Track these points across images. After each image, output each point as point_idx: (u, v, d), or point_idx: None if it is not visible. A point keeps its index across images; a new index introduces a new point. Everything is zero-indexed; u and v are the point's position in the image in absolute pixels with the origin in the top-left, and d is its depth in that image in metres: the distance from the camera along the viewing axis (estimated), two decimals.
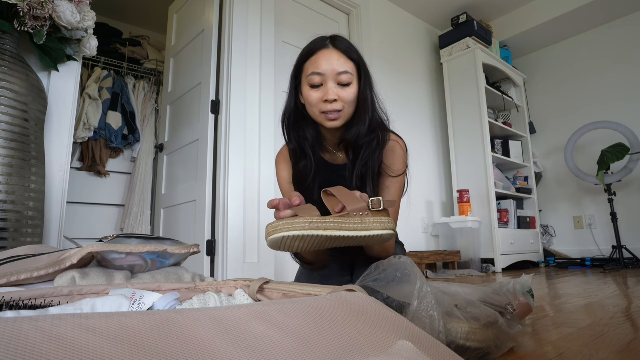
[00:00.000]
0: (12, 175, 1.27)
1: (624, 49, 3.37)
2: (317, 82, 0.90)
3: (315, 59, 0.91)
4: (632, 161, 2.97)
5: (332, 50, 0.91)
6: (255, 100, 2.26)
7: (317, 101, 0.90)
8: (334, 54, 0.90)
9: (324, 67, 0.89)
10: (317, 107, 0.91)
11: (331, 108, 0.89)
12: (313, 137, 0.97)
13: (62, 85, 1.58)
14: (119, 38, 3.27)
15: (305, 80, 0.92)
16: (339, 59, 0.90)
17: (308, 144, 0.96)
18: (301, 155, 0.98)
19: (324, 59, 0.90)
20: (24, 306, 0.52)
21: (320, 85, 0.90)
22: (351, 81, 0.90)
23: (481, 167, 3.11)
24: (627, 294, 1.46)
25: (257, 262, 2.10)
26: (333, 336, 0.40)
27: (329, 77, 0.89)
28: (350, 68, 0.91)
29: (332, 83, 0.89)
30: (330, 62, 0.89)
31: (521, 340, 0.78)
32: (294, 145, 0.98)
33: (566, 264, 3.19)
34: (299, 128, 0.97)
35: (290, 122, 0.98)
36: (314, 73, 0.89)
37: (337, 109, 0.89)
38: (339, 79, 0.89)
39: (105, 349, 0.30)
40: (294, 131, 0.98)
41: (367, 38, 2.99)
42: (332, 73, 0.89)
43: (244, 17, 2.31)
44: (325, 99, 0.89)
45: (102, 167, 2.81)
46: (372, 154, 0.94)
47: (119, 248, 0.71)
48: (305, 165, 0.97)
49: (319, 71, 0.89)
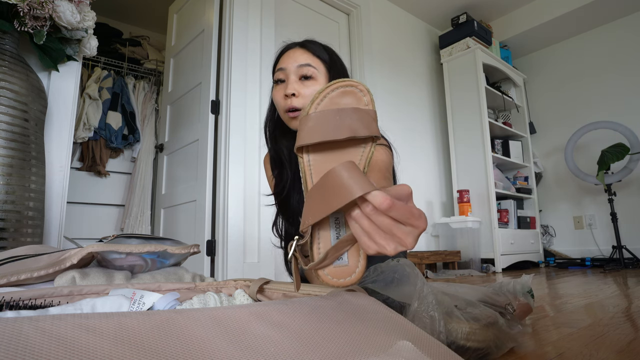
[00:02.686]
0: (12, 175, 1.27)
1: (624, 49, 3.37)
2: (280, 77, 0.88)
3: (281, 58, 0.90)
4: (632, 161, 2.97)
5: (297, 48, 0.90)
6: (255, 100, 2.26)
7: (280, 98, 0.87)
8: (298, 50, 0.89)
9: (286, 61, 0.88)
10: (281, 105, 0.88)
11: (290, 104, 0.84)
12: (288, 149, 0.94)
13: (62, 85, 1.58)
14: (119, 38, 3.27)
15: (273, 81, 0.91)
16: (302, 54, 0.88)
17: (284, 156, 0.94)
18: (279, 164, 0.96)
19: (288, 56, 0.89)
20: (24, 306, 0.52)
21: (283, 82, 0.88)
22: (314, 75, 0.86)
23: (481, 167, 3.11)
24: (627, 294, 1.46)
25: (257, 262, 2.10)
26: (333, 336, 0.40)
27: (290, 71, 0.86)
28: (313, 62, 0.87)
29: (294, 76, 0.86)
30: (293, 57, 0.87)
31: (521, 340, 0.78)
32: (273, 153, 0.97)
33: (566, 264, 3.19)
34: (275, 138, 0.96)
35: (269, 129, 0.98)
36: (278, 69, 0.88)
37: (296, 106, 0.84)
38: (301, 72, 0.86)
39: (105, 349, 0.30)
40: (272, 141, 0.97)
41: (367, 38, 2.99)
42: (292, 65, 0.86)
43: (244, 17, 2.31)
44: (284, 93, 0.86)
45: (102, 167, 2.81)
46: None
47: (119, 248, 0.71)
48: (285, 174, 0.95)
49: (282, 66, 0.88)
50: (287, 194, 0.94)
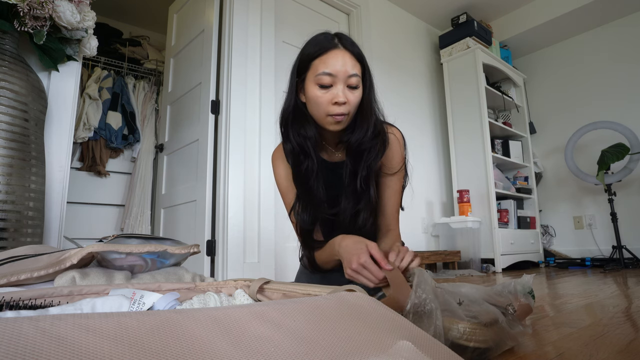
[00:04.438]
0: (12, 175, 1.27)
1: (623, 49, 3.37)
2: (327, 82, 0.87)
3: (325, 58, 0.87)
4: (632, 161, 2.97)
5: (343, 51, 0.88)
6: (255, 100, 2.26)
7: (326, 102, 0.88)
8: (346, 55, 0.88)
9: (336, 67, 0.86)
10: (323, 108, 0.89)
11: (339, 111, 0.87)
12: (314, 135, 0.95)
13: (62, 85, 1.58)
14: (119, 38, 3.27)
15: (312, 79, 0.89)
16: (350, 60, 0.88)
17: (310, 143, 0.94)
18: (302, 154, 0.96)
19: (336, 60, 0.87)
20: (24, 306, 0.52)
21: (329, 86, 0.88)
22: (359, 84, 0.89)
23: (481, 167, 3.11)
24: (627, 294, 1.46)
25: (257, 262, 2.10)
26: (333, 336, 0.40)
27: (339, 79, 0.87)
28: (358, 71, 0.89)
29: (342, 85, 0.87)
30: (342, 64, 0.87)
31: (521, 340, 0.78)
32: (294, 144, 0.95)
33: (566, 264, 3.19)
34: (300, 127, 0.95)
35: (290, 121, 0.96)
36: (325, 73, 0.86)
37: (344, 112, 0.88)
38: (349, 82, 0.87)
39: (105, 349, 0.30)
40: (295, 130, 0.95)
41: (367, 38, 2.99)
42: (343, 75, 0.87)
43: (244, 17, 2.31)
44: (335, 101, 0.87)
45: (102, 167, 2.81)
46: (375, 158, 0.94)
47: (119, 248, 0.71)
48: (307, 165, 0.95)
49: (331, 72, 0.86)
50: (311, 182, 0.95)
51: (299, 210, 0.97)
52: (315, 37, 0.93)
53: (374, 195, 0.95)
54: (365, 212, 0.96)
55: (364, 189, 0.94)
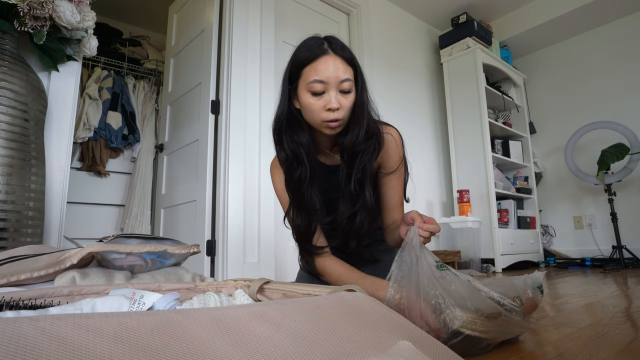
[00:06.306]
0: (12, 175, 1.27)
1: (623, 49, 3.37)
2: (319, 89, 0.87)
3: (316, 65, 0.87)
4: (632, 161, 2.97)
5: (334, 57, 0.88)
6: (255, 100, 2.26)
7: (319, 109, 0.88)
8: (337, 60, 0.88)
9: (327, 74, 0.86)
10: (317, 115, 0.89)
11: (333, 117, 0.87)
12: (308, 142, 0.95)
13: (62, 85, 1.58)
14: (119, 38, 3.27)
15: (304, 86, 0.89)
16: (341, 65, 0.88)
17: (303, 150, 0.94)
18: (295, 162, 0.95)
19: (326, 66, 0.86)
20: (24, 306, 0.52)
21: (322, 93, 0.88)
22: (352, 88, 0.89)
23: (481, 167, 3.11)
24: (627, 294, 1.46)
25: (257, 262, 2.10)
26: (333, 336, 0.40)
27: (331, 85, 0.87)
28: (350, 75, 0.89)
29: (334, 91, 0.87)
30: (333, 70, 0.86)
31: (524, 335, 0.78)
32: (287, 152, 0.95)
33: (566, 264, 3.19)
34: (294, 133, 0.94)
35: (283, 128, 0.95)
36: (316, 80, 0.86)
37: (338, 117, 0.88)
38: (341, 87, 0.87)
39: (105, 348, 0.30)
40: (288, 137, 0.95)
41: (367, 38, 2.99)
42: (335, 81, 0.86)
43: (244, 17, 2.31)
44: (328, 107, 0.87)
45: (102, 167, 2.81)
46: (370, 159, 0.94)
47: (119, 248, 0.71)
48: (301, 173, 0.95)
49: (322, 79, 0.86)
50: (303, 190, 0.95)
51: (293, 216, 0.97)
52: (305, 43, 0.92)
53: (369, 197, 0.95)
54: (362, 213, 0.96)
55: (357, 191, 0.94)
